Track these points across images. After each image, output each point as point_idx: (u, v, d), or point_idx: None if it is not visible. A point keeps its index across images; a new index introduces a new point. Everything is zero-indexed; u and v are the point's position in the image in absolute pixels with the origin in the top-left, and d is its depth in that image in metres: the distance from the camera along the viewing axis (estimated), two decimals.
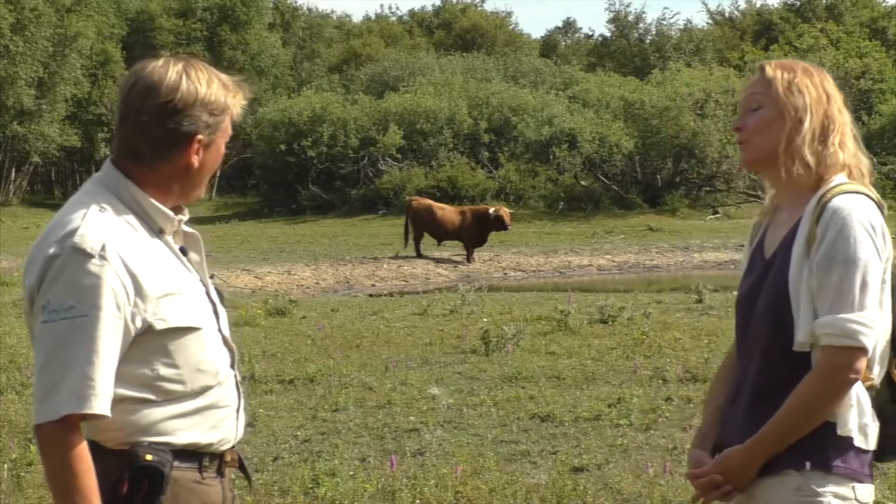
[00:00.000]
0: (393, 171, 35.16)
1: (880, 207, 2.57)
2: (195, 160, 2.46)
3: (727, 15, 55.07)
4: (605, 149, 34.23)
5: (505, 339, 10.16)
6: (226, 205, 40.26)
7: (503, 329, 10.52)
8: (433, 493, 5.50)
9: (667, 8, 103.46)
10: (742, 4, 55.37)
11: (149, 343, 2.36)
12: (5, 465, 6.00)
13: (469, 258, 23.01)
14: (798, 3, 50.09)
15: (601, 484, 5.85)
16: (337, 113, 37.08)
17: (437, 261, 23.08)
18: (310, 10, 62.32)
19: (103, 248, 2.31)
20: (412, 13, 66.09)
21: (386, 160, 35.87)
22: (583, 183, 34.95)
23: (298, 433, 7.25)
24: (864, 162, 2.65)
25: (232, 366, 2.56)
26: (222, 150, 2.54)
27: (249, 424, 7.34)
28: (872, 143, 36.72)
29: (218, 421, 2.50)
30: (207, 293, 2.53)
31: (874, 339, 2.47)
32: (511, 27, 63.71)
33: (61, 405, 2.25)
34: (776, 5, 52.46)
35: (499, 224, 22.39)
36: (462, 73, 42.88)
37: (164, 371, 2.38)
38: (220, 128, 2.49)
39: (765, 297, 2.60)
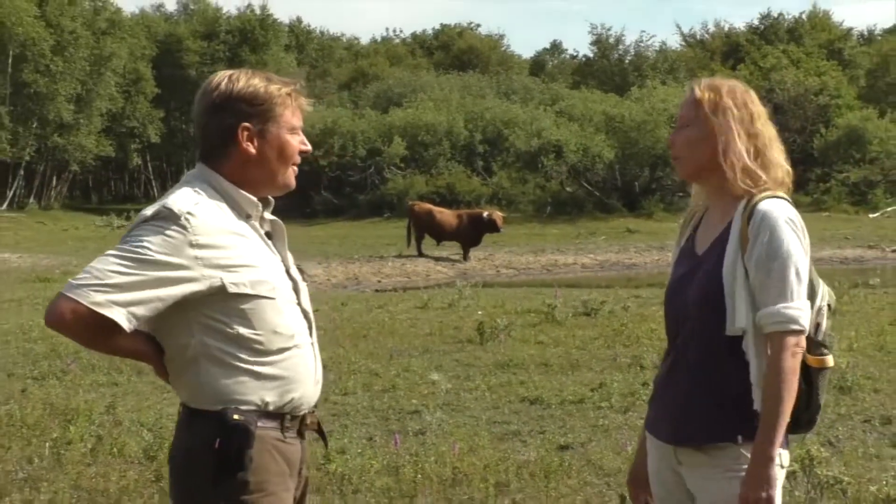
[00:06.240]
0: (397, 179, 35.16)
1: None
2: (250, 147, 2.53)
3: (698, 37, 55.02)
4: (589, 158, 34.25)
5: (498, 330, 10.14)
6: None
7: (496, 321, 10.50)
8: (433, 469, 5.50)
9: (644, 31, 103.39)
10: (711, 28, 55.37)
11: (226, 304, 2.44)
12: (47, 444, 5.99)
13: (465, 257, 23.00)
14: (762, 27, 50.08)
15: (585, 460, 5.84)
16: (346, 126, 37.07)
17: (437, 259, 23.07)
18: (322, 32, 62.42)
19: (187, 215, 2.40)
20: (414, 36, 66.11)
21: (390, 168, 35.88)
22: (568, 189, 34.94)
23: None
24: (787, 169, 2.69)
25: (310, 334, 2.61)
26: (287, 137, 2.61)
27: None
28: (829, 153, 36.82)
29: (296, 384, 2.54)
30: (287, 271, 2.61)
31: (808, 321, 2.56)
32: (503, 48, 63.73)
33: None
34: (742, 29, 52.46)
35: (492, 226, 22.39)
36: (459, 90, 42.89)
37: (242, 330, 2.45)
38: (269, 117, 2.55)
39: (697, 290, 2.63)
